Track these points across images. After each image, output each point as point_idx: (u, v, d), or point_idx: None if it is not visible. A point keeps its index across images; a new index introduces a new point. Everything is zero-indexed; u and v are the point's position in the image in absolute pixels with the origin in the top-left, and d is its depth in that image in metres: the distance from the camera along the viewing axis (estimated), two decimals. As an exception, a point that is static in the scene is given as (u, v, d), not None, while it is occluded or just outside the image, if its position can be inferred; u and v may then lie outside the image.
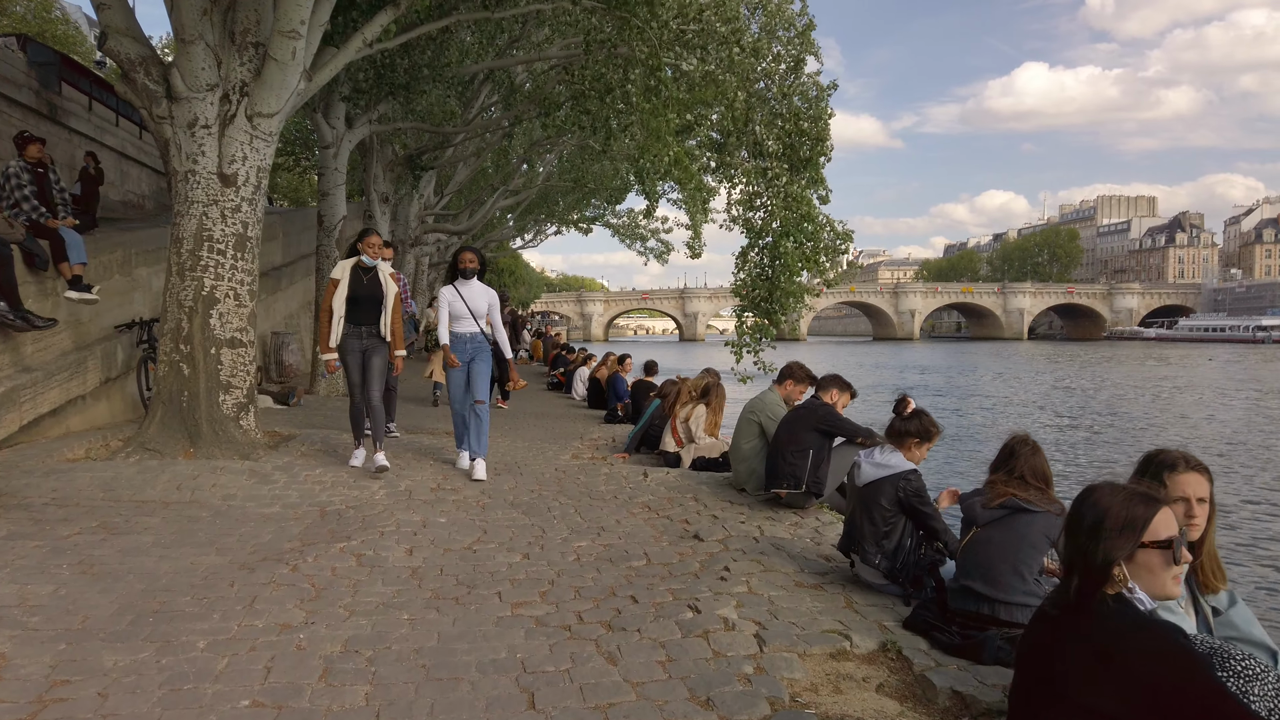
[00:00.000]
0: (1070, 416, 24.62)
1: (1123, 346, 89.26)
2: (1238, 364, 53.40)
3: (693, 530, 5.03)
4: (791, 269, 13.87)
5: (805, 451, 5.15)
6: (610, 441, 9.41)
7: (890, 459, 3.87)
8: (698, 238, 19.63)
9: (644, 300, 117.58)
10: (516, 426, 10.85)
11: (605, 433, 10.29)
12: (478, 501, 5.76)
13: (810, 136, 13.86)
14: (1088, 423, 23.08)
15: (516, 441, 9.12)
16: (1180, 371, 46.22)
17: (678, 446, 7.39)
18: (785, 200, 13.71)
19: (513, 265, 64.87)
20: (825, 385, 5.47)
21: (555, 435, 10.02)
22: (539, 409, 13.96)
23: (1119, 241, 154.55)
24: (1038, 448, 3.36)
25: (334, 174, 13.12)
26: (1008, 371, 46.44)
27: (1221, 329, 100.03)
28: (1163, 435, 20.32)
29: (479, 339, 6.51)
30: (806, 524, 5.14)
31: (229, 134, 7.28)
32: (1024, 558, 3.23)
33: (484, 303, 6.54)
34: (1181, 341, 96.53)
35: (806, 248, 14.03)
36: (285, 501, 5.68)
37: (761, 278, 14.28)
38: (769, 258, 14.27)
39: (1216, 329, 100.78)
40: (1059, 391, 33.97)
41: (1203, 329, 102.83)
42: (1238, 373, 45.17)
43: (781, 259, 13.86)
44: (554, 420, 11.95)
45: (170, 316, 7.21)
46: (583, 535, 5.00)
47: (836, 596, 3.87)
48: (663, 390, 8.44)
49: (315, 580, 4.07)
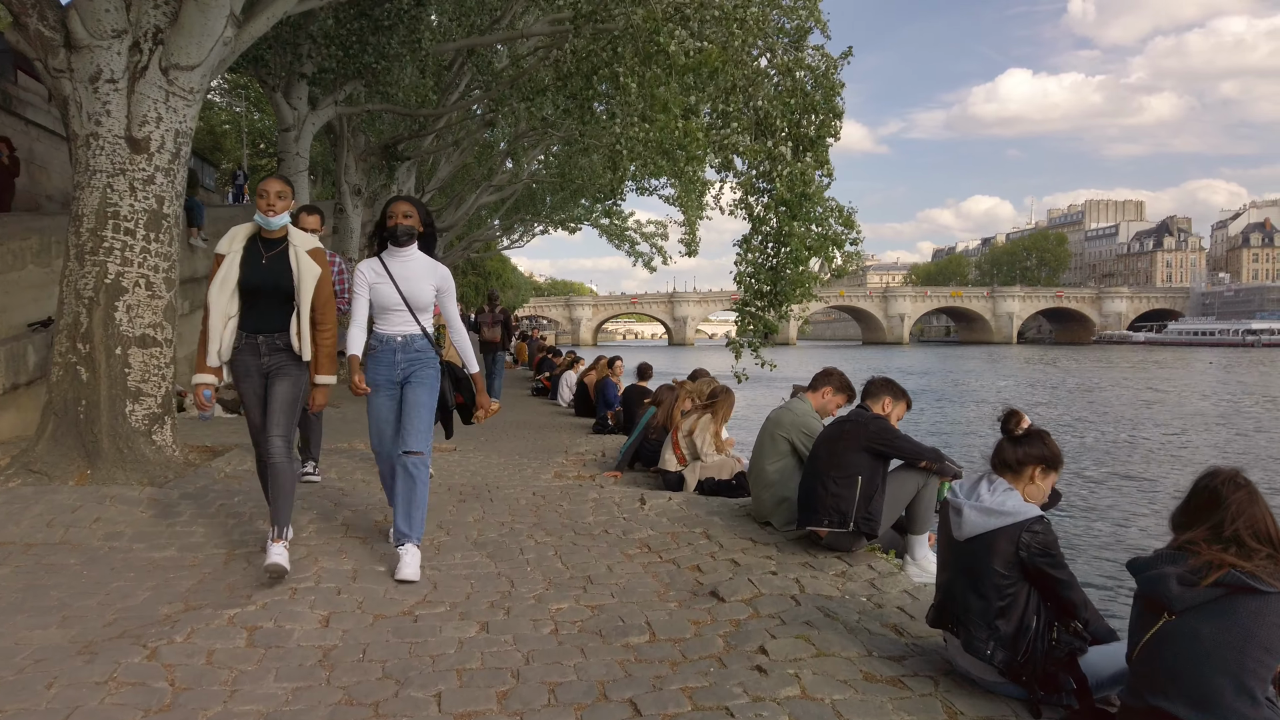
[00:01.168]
0: (1103, 423, 23.57)
1: (1113, 350, 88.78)
2: (1238, 368, 52.70)
3: (709, 584, 3.82)
4: (798, 256, 12.73)
5: (853, 478, 3.95)
6: (600, 456, 8.20)
7: (1004, 500, 2.68)
8: (694, 233, 18.44)
9: (633, 304, 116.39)
10: (492, 438, 9.61)
11: (594, 445, 9.07)
12: (431, 540, 4.54)
13: (818, 112, 12.76)
14: (1122, 432, 22.01)
15: (491, 457, 7.89)
16: (1185, 375, 45.39)
17: (680, 465, 6.18)
18: (789, 181, 12.59)
19: (500, 268, 63.55)
20: (874, 392, 4.27)
21: (537, 448, 8.80)
22: (521, 416, 12.73)
23: (1107, 246, 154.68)
24: (1255, 492, 2.18)
25: (294, 160, 11.87)
26: (1006, 374, 45.50)
27: (1211, 333, 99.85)
28: (1223, 448, 19.23)
29: (418, 345, 4.07)
30: (857, 573, 3.93)
31: (140, 90, 6.04)
32: (1254, 665, 2.05)
33: (427, 286, 4.04)
34: (1171, 345, 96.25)
35: (813, 233, 12.91)
36: (185, 542, 4.43)
37: (765, 267, 13.13)
38: (773, 243, 13.13)
39: (1206, 333, 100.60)
40: (1077, 394, 32.96)
41: (1192, 333, 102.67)
42: (1245, 377, 44.38)
43: (786, 244, 12.72)
44: (536, 430, 10.72)
45: (66, 310, 5.97)
46: (564, 591, 3.78)
47: (929, 700, 2.67)
48: (658, 397, 7.23)
49: (178, 674, 2.84)
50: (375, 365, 4.08)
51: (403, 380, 4.06)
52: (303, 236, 4.04)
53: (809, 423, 4.62)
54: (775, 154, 12.49)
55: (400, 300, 4.00)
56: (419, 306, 4.05)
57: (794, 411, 4.72)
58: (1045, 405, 28.88)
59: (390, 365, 4.07)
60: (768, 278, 13.02)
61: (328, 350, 4.00)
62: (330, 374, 4.03)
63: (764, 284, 13.08)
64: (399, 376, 4.06)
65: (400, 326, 4.05)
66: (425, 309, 4.07)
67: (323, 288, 3.96)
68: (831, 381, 4.78)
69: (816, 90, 12.72)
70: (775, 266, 13.37)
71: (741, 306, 13.59)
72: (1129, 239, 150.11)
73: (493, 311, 14.18)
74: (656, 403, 7.04)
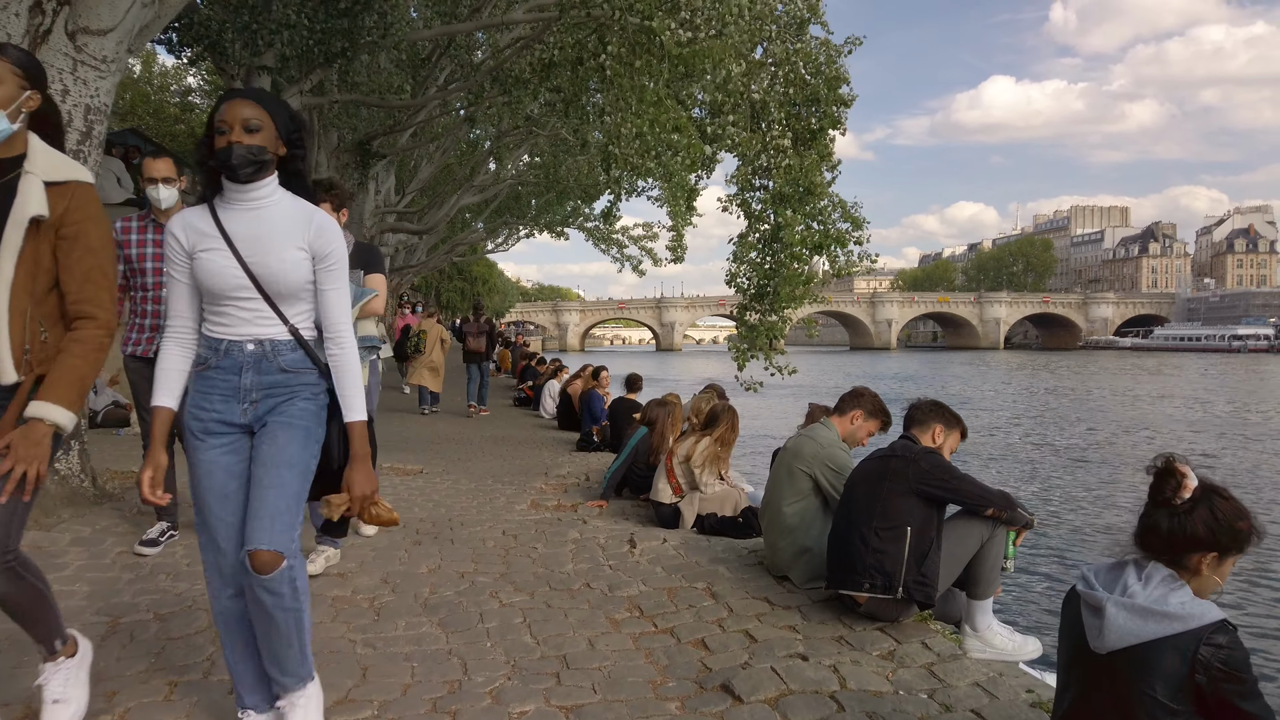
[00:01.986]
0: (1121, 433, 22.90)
1: (1101, 356, 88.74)
2: (1233, 374, 52.42)
3: (719, 673, 2.95)
4: (795, 255, 11.92)
5: (900, 530, 3.10)
6: (583, 480, 7.32)
7: (1167, 598, 1.83)
8: (681, 238, 17.57)
9: (620, 310, 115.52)
10: (466, 456, 8.72)
11: (577, 466, 8.20)
12: (369, 601, 3.66)
13: (821, 103, 11.98)
14: (1127, 440, 21.34)
15: (460, 481, 6.99)
16: (1183, 380, 44.98)
17: (675, 496, 5.32)
18: (788, 174, 11.79)
19: (487, 273, 62.57)
20: (922, 419, 3.42)
21: (514, 469, 7.91)
22: (500, 430, 11.84)
23: (1093, 251, 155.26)
24: None
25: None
26: (1001, 379, 44.93)
27: (1197, 338, 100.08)
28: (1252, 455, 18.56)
29: (286, 361, 2.29)
30: (910, 654, 3.07)
31: (43, 57, 5.15)
32: None
33: (293, 252, 2.26)
34: (1158, 351, 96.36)
35: (814, 232, 12.10)
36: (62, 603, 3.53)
37: (762, 266, 12.31)
38: (769, 241, 12.31)
39: (1192, 338, 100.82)
40: (1076, 402, 32.35)
41: (1178, 338, 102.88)
42: (1239, 382, 44.01)
43: (782, 242, 11.91)
44: (515, 447, 9.83)
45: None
46: (530, 682, 2.91)
47: None
48: (648, 415, 6.35)
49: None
50: (204, 395, 2.29)
51: (256, 422, 2.29)
52: (51, 160, 2.20)
53: (836, 455, 3.77)
54: (775, 145, 11.70)
55: (246, 279, 2.22)
56: (282, 291, 2.25)
57: (817, 440, 3.86)
58: (1061, 414, 28.24)
59: (232, 396, 2.27)
60: (761, 275, 12.20)
61: (73, 370, 2.16)
62: (68, 406, 2.14)
63: (759, 285, 12.26)
64: (247, 416, 2.28)
65: (249, 327, 2.26)
66: (294, 294, 2.28)
67: (73, 249, 2.18)
68: (863, 405, 3.92)
69: (818, 80, 11.95)
70: (772, 266, 12.56)
71: (741, 314, 12.75)
72: (1114, 245, 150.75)
73: (478, 321, 13.62)
74: (648, 422, 6.17)
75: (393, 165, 23.42)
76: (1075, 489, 14.55)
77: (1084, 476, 15.75)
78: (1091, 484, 14.97)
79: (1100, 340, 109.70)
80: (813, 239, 12.00)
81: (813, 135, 12.12)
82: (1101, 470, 16.46)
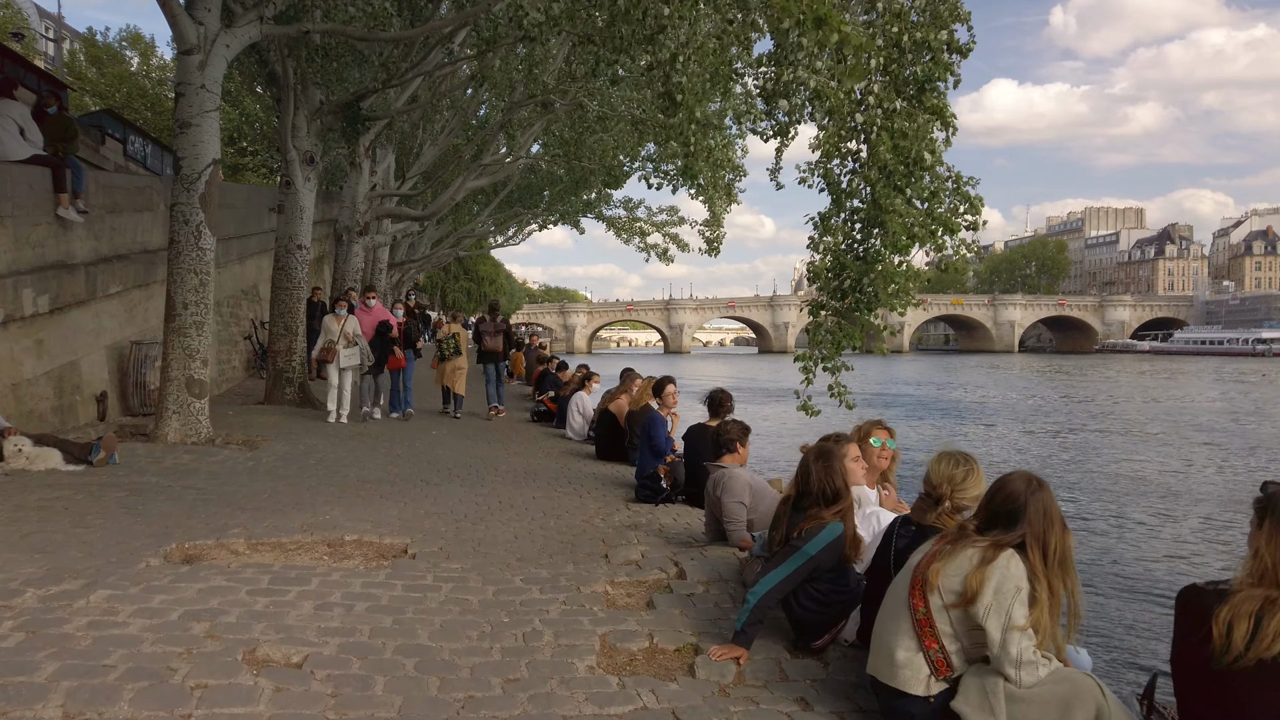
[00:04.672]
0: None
1: (1120, 359, 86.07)
2: (1273, 378, 49.65)
3: None
4: (898, 243, 9.24)
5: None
6: (671, 567, 4.66)
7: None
8: (718, 228, 14.95)
9: (629, 311, 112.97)
10: (478, 503, 6.09)
11: (649, 534, 5.52)
12: None
13: (926, 47, 9.38)
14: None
15: (468, 578, 4.33)
16: (1221, 385, 42.20)
17: (937, 675, 2.64)
18: (893, 137, 9.16)
19: (494, 273, 59.99)
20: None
21: (551, 539, 5.27)
22: (523, 457, 9.21)
23: (1107, 253, 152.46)
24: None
25: (198, 95, 8.30)
26: (1027, 384, 42.23)
27: (1219, 341, 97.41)
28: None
29: None
30: None
31: None
32: None
33: None
34: (1178, 355, 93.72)
35: (917, 212, 9.43)
36: None
37: (851, 256, 9.63)
38: (865, 225, 9.65)
39: (1214, 342, 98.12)
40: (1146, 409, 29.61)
41: (1199, 342, 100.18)
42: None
43: (884, 227, 9.25)
44: (546, 488, 7.19)
45: None
46: None
47: None
48: (825, 481, 3.53)
49: None
50: None
51: None
52: None
53: None
54: (881, 100, 9.07)
55: None
56: None
57: None
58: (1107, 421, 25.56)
59: None
60: (855, 270, 9.49)
61: None
62: None
63: (849, 278, 9.54)
64: None
65: None
66: None
67: None
68: None
69: (925, 18, 9.37)
70: (864, 256, 9.88)
71: (815, 309, 10.05)
72: (1129, 246, 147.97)
73: (494, 321, 13.61)
74: (806, 494, 3.48)
75: (391, 143, 20.77)
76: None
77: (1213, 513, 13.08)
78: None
79: (1118, 344, 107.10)
80: (921, 224, 9.30)
81: (920, 87, 9.47)
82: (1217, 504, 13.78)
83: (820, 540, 3.26)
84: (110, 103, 31.34)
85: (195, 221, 8.25)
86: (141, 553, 4.31)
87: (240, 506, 5.69)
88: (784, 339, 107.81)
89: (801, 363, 9.72)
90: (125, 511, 5.33)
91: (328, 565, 4.34)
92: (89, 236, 9.77)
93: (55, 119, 9.59)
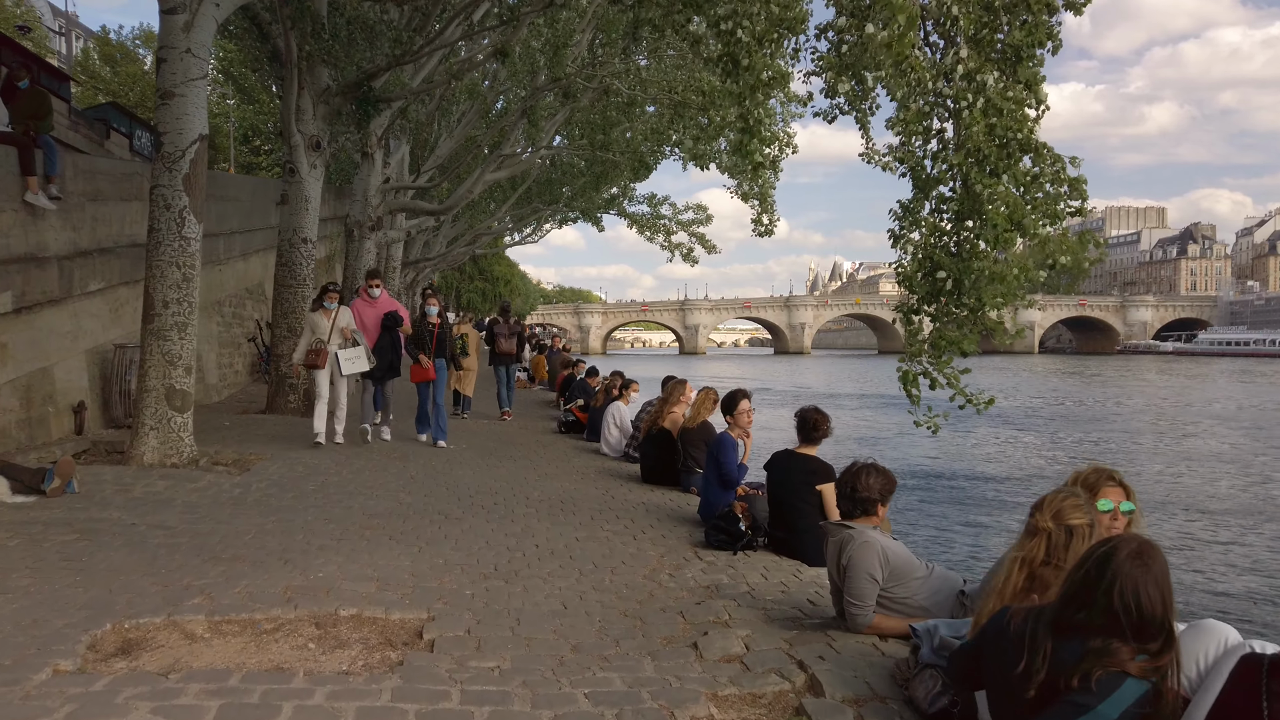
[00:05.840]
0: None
1: (1144, 361, 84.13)
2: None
3: None
4: (1000, 236, 7.93)
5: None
6: (786, 658, 3.42)
7: None
8: (768, 210, 13.63)
9: (644, 312, 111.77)
10: (512, 554, 4.87)
11: (738, 601, 4.26)
12: None
13: (1028, 9, 8.14)
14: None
15: (507, 683, 3.11)
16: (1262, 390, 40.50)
17: None
18: (988, 114, 7.88)
19: (508, 274, 58.96)
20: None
21: (628, 603, 4.04)
22: (556, 480, 7.97)
23: (1129, 253, 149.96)
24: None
25: (183, 61, 7.11)
26: (1053, 388, 40.67)
27: (1245, 342, 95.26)
28: None
29: None
30: None
31: None
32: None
33: None
34: (1203, 356, 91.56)
35: (1013, 198, 8.12)
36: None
37: (944, 251, 8.32)
38: (958, 217, 8.36)
39: (1240, 343, 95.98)
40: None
41: (1225, 343, 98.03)
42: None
43: (985, 217, 7.96)
44: (589, 524, 5.95)
45: None
46: None
47: None
48: (1092, 579, 2.07)
49: None
50: None
51: None
52: None
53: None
54: (969, 73, 7.78)
55: None
56: None
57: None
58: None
59: None
60: (952, 269, 8.16)
61: None
62: None
63: (945, 278, 8.21)
64: None
65: None
66: None
67: None
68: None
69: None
70: (959, 251, 8.56)
71: (907, 319, 8.70)
72: (1151, 246, 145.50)
73: (507, 322, 13.57)
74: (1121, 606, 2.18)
75: (405, 133, 19.61)
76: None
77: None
78: None
79: (1140, 345, 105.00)
80: (1021, 212, 7.98)
81: (1016, 57, 8.18)
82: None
83: (1120, 700, 1.98)
84: (124, 101, 30.48)
85: (178, 207, 7.07)
86: (60, 639, 3.12)
87: (213, 555, 4.49)
88: (800, 340, 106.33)
89: (902, 380, 8.32)
90: (64, 566, 4.13)
91: (312, 663, 3.14)
92: (65, 226, 8.61)
93: (27, 93, 8.44)
